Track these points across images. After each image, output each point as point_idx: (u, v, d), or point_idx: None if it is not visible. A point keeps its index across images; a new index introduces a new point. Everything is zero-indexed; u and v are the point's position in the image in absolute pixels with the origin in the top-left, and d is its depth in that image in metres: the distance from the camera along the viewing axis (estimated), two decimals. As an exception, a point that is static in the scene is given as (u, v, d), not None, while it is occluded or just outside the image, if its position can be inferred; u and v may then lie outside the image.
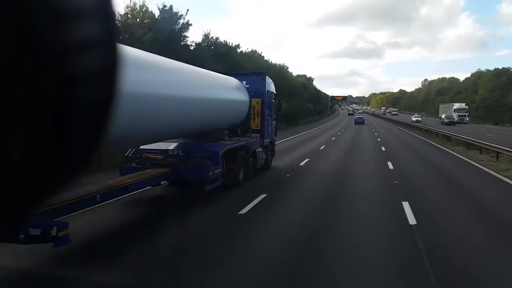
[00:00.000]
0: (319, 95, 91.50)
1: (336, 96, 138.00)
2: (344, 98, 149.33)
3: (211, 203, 7.85)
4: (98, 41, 0.41)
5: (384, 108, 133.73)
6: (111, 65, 0.43)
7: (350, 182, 10.92)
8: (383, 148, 20.52)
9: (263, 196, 8.42)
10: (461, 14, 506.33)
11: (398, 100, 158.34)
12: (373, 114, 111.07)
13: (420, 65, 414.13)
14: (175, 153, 8.37)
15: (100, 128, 0.44)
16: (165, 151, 8.35)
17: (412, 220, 6.58)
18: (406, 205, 7.61)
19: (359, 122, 53.31)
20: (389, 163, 14.19)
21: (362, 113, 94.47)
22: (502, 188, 10.36)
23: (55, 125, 0.39)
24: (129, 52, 5.81)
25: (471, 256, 5.21)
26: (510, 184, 10.68)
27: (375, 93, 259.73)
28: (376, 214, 7.45)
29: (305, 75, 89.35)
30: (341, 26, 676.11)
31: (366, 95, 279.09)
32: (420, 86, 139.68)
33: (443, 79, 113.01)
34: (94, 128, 0.43)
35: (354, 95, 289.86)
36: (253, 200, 7.99)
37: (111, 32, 0.43)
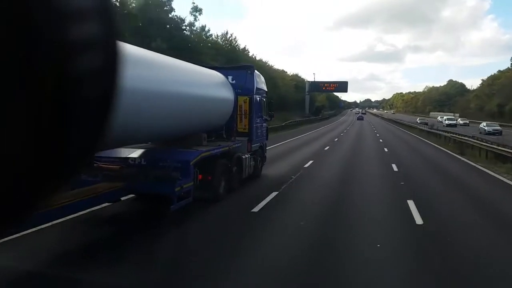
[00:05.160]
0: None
1: (325, 84, 72.57)
2: (342, 86, 74.00)
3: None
4: (99, 39, 0.41)
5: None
6: (112, 63, 0.43)
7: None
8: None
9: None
10: (485, 18, 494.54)
11: (451, 100, 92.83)
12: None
13: (443, 70, 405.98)
14: (136, 162, 6.73)
15: (100, 127, 0.43)
16: (125, 159, 6.74)
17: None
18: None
19: (360, 118, 77.15)
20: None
21: (365, 113, 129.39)
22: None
23: (55, 123, 0.39)
24: None
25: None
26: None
27: (401, 93, 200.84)
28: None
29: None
30: (359, 28, 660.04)
31: (387, 98, 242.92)
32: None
33: None
34: (94, 126, 0.43)
35: (373, 99, 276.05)
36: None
37: (112, 30, 0.43)
